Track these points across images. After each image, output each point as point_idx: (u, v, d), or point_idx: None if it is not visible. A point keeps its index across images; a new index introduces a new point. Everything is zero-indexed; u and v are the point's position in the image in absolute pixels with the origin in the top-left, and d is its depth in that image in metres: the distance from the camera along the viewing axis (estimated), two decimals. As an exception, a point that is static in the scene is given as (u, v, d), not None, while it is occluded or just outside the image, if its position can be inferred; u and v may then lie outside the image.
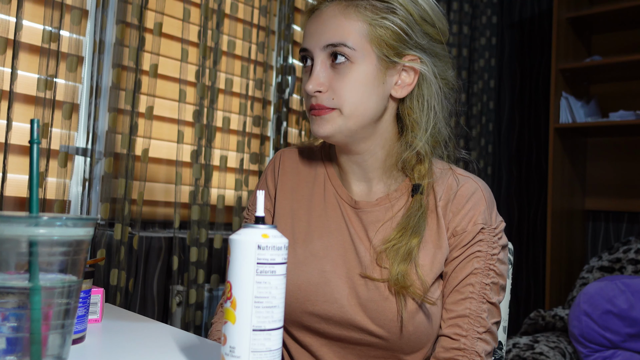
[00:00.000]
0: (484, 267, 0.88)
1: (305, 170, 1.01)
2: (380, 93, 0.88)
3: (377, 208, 0.93)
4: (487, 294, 0.87)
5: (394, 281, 0.85)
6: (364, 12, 0.85)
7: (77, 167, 1.69)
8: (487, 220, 0.89)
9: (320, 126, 0.87)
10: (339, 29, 0.85)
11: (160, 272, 1.86)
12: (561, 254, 2.79)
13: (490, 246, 0.89)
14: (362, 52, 0.85)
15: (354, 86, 0.85)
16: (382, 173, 0.94)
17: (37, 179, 0.61)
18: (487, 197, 0.91)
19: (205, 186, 1.89)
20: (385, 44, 0.86)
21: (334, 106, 0.86)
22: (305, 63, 0.90)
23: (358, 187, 0.96)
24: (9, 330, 0.57)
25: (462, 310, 0.86)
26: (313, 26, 0.88)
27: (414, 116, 0.91)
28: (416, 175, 0.92)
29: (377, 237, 0.91)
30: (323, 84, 0.86)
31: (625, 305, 1.92)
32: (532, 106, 3.27)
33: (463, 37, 2.95)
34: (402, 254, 0.85)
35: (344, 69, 0.85)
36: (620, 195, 2.91)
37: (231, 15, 2.01)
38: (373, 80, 0.86)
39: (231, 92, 2.02)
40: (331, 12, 0.86)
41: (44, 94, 1.51)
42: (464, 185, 0.91)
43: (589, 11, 2.77)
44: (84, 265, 0.62)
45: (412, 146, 0.91)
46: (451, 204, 0.90)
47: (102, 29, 1.64)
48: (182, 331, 0.88)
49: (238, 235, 0.62)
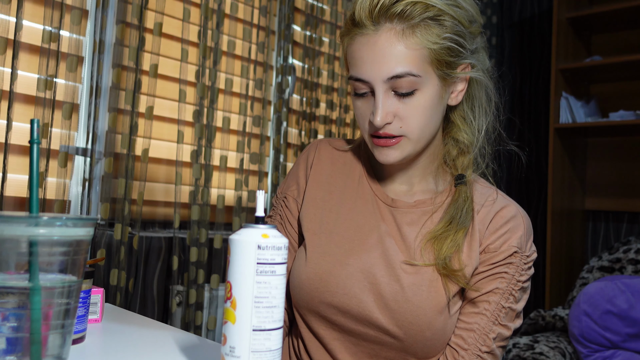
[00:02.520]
0: (505, 290, 0.87)
1: (342, 163, 1.00)
2: (442, 109, 0.88)
3: (414, 210, 0.92)
4: (500, 316, 0.87)
5: (442, 264, 0.85)
6: (420, 36, 0.81)
7: (77, 167, 1.69)
8: (522, 246, 0.89)
9: (388, 155, 0.86)
10: (401, 59, 0.81)
11: (160, 272, 1.86)
12: (561, 254, 2.79)
13: (518, 272, 0.88)
14: (426, 76, 0.83)
15: (421, 112, 0.84)
16: (427, 177, 0.95)
17: (37, 179, 0.61)
18: (526, 225, 0.91)
19: (205, 186, 1.89)
20: (445, 62, 0.83)
21: (401, 133, 0.85)
22: (360, 91, 0.86)
23: (400, 187, 0.95)
24: (9, 330, 0.57)
25: (471, 324, 0.86)
26: (368, 55, 0.82)
27: (463, 115, 0.92)
28: (459, 167, 0.92)
29: (419, 237, 0.89)
30: (390, 113, 0.83)
31: (625, 305, 1.92)
32: (532, 106, 3.27)
33: (463, 37, 2.95)
34: (450, 241, 0.86)
35: (410, 97, 0.83)
36: (620, 195, 2.90)
37: (231, 15, 2.01)
38: (437, 101, 0.85)
39: (231, 92, 2.02)
40: (387, 39, 0.81)
41: (44, 94, 1.51)
42: (505, 207, 0.91)
43: (589, 11, 2.77)
44: (84, 265, 0.62)
45: (457, 140, 0.91)
46: (490, 221, 0.89)
47: (102, 29, 1.64)
48: (182, 331, 0.88)
49: (238, 235, 0.62)
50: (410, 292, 0.86)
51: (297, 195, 1.00)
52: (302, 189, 1.00)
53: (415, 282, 0.86)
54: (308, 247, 0.93)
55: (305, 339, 0.94)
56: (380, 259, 0.89)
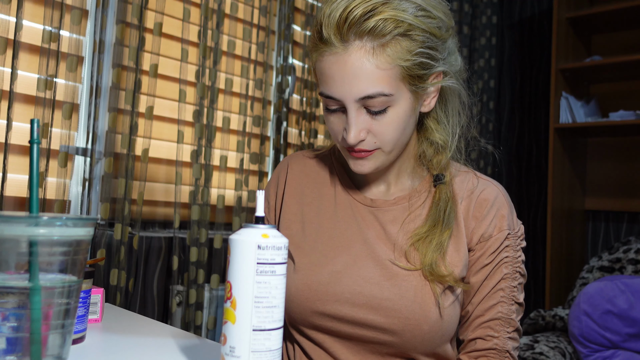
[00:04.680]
0: (512, 272, 0.90)
1: (316, 172, 1.01)
2: (414, 119, 0.88)
3: (395, 207, 0.93)
4: (515, 295, 0.90)
5: (428, 270, 0.86)
6: (392, 53, 0.79)
7: (77, 167, 1.69)
8: (512, 225, 0.91)
9: (363, 166, 0.87)
10: (372, 79, 0.79)
11: (160, 272, 1.86)
12: (561, 254, 2.79)
13: (515, 250, 0.91)
14: (398, 93, 0.81)
15: (394, 127, 0.84)
16: (403, 175, 0.96)
17: (37, 179, 0.61)
18: (508, 202, 0.93)
19: (205, 186, 1.89)
20: (416, 76, 0.82)
21: (375, 147, 0.85)
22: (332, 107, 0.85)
23: (377, 188, 0.96)
24: (9, 330, 0.57)
25: (494, 315, 0.88)
26: (338, 74, 0.80)
27: (436, 117, 0.93)
28: (436, 166, 0.93)
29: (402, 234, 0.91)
30: (363, 130, 0.83)
31: (625, 305, 1.92)
32: (532, 106, 3.27)
33: (463, 37, 2.95)
34: (435, 245, 0.87)
35: (382, 114, 0.82)
36: (620, 195, 2.90)
37: (231, 15, 2.01)
38: (410, 113, 0.85)
39: (231, 92, 2.02)
40: (358, 59, 0.78)
41: (44, 94, 1.51)
42: (485, 190, 0.92)
43: (589, 11, 2.77)
44: (84, 265, 0.62)
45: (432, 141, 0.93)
46: (473, 209, 0.91)
47: (102, 29, 1.64)
48: (182, 331, 0.88)
49: (238, 235, 0.62)
50: (403, 288, 0.86)
51: (268, 212, 1.03)
52: (273, 207, 1.02)
53: (406, 278, 0.87)
54: (294, 260, 0.93)
55: (305, 347, 0.94)
56: (367, 261, 0.90)
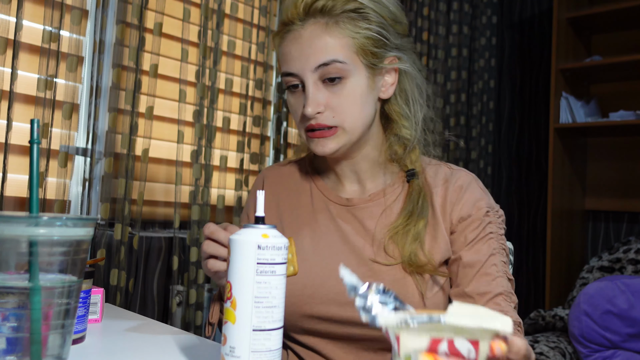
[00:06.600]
0: (499, 247, 0.91)
1: (291, 182, 1.03)
2: (373, 100, 0.91)
3: (371, 203, 0.95)
4: (507, 271, 0.91)
5: (407, 262, 0.87)
6: (344, 26, 0.86)
7: (77, 167, 1.69)
8: (489, 204, 0.93)
9: (324, 146, 0.89)
10: (327, 48, 0.85)
11: (160, 272, 1.86)
12: (561, 254, 2.79)
13: (498, 227, 0.92)
14: (352, 65, 0.86)
15: (351, 100, 0.87)
16: (377, 171, 0.97)
17: (37, 179, 0.61)
18: (481, 187, 0.95)
19: (205, 186, 1.89)
20: (370, 52, 0.87)
21: (334, 124, 0.87)
22: (293, 87, 0.89)
23: (351, 187, 0.98)
24: (9, 330, 0.57)
25: (497, 289, 0.88)
26: (295, 49, 0.87)
27: (399, 110, 0.95)
28: (408, 163, 0.95)
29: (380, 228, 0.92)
30: (321, 104, 0.86)
31: (625, 305, 1.92)
32: (532, 106, 3.27)
33: (463, 37, 2.95)
34: (412, 236, 0.88)
35: (339, 86, 0.86)
36: (620, 195, 2.90)
37: (231, 15, 2.01)
38: (366, 90, 0.89)
39: (231, 92, 2.02)
40: (312, 32, 0.86)
41: (44, 94, 1.51)
42: (459, 177, 0.94)
43: (589, 11, 2.77)
44: (84, 265, 0.62)
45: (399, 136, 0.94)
46: (450, 195, 0.93)
47: (102, 29, 1.64)
48: (182, 331, 0.88)
49: (238, 235, 0.62)
50: (390, 282, 0.87)
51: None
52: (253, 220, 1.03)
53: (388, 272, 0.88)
54: None
55: (296, 350, 0.95)
56: (349, 259, 0.91)
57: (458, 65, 2.91)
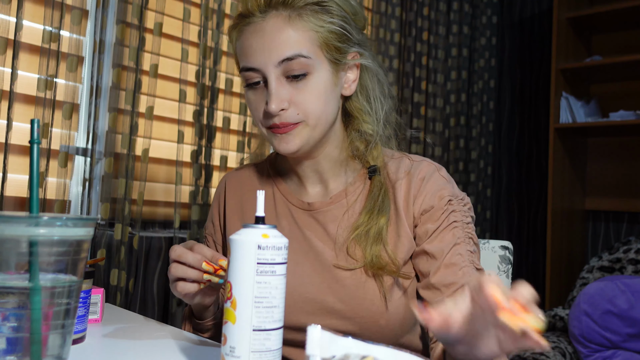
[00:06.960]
0: (464, 236, 0.87)
1: (253, 186, 1.01)
2: (336, 96, 0.89)
3: (332, 206, 0.93)
4: (474, 261, 0.87)
5: (369, 264, 0.85)
6: (307, 19, 0.83)
7: (77, 167, 1.69)
8: (453, 193, 0.90)
9: (288, 142, 0.85)
10: (290, 41, 0.82)
11: (160, 272, 1.86)
12: (561, 254, 2.79)
13: (463, 215, 0.89)
14: (316, 59, 0.84)
15: (315, 96, 0.84)
16: (338, 170, 0.95)
17: (37, 179, 0.61)
18: (445, 175, 0.92)
19: (205, 186, 1.89)
20: (333, 46, 0.85)
21: (298, 120, 0.85)
22: (254, 83, 0.85)
23: (314, 189, 0.96)
24: (9, 330, 0.57)
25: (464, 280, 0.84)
26: (256, 42, 0.83)
27: (360, 106, 0.93)
28: (370, 159, 0.93)
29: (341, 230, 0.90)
30: (284, 100, 0.83)
31: (625, 305, 1.92)
32: (532, 106, 3.27)
33: (463, 37, 2.95)
34: (373, 235, 0.86)
35: (303, 82, 0.84)
36: (621, 195, 2.90)
37: (231, 16, 2.01)
38: (330, 86, 0.86)
39: (231, 92, 2.02)
40: (274, 25, 0.82)
41: (44, 94, 1.51)
42: (421, 168, 0.92)
43: (589, 11, 2.77)
44: (84, 265, 0.62)
45: (361, 132, 0.93)
46: (413, 187, 0.90)
47: (102, 29, 1.64)
48: (182, 331, 0.88)
49: (238, 235, 0.62)
50: (353, 288, 0.86)
51: (214, 232, 1.03)
52: (219, 227, 1.03)
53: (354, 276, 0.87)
54: None
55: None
56: (314, 266, 0.90)
57: (458, 65, 2.91)
